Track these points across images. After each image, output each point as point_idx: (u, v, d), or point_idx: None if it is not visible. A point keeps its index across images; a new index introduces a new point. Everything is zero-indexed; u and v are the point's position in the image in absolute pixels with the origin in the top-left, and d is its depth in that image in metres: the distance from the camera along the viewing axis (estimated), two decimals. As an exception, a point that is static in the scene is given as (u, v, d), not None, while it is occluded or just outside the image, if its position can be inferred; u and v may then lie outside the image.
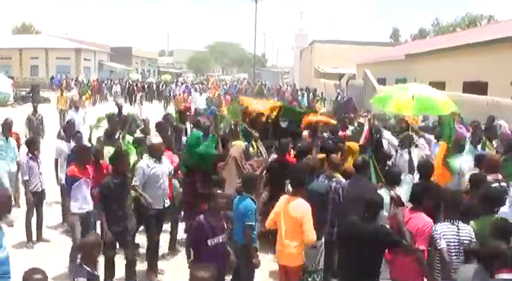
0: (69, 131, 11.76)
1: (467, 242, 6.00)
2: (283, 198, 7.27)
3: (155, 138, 9.23)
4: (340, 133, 12.69)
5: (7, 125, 11.87)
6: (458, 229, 6.08)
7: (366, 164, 8.29)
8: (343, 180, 8.19)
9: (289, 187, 7.87)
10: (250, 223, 7.09)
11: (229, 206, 7.36)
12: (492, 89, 20.09)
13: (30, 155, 10.14)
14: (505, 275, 4.98)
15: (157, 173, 8.52)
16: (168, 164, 8.96)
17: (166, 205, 8.71)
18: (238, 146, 10.04)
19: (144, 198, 8.29)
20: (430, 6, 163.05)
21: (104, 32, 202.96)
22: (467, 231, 6.10)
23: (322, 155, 9.05)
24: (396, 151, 10.77)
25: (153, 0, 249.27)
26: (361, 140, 10.50)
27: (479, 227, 6.23)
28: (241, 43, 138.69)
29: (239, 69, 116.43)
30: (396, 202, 7.40)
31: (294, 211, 6.93)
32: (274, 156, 10.27)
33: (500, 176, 8.10)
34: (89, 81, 52.22)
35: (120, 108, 16.00)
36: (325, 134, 12.16)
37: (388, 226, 6.59)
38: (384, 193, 7.36)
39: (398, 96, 9.57)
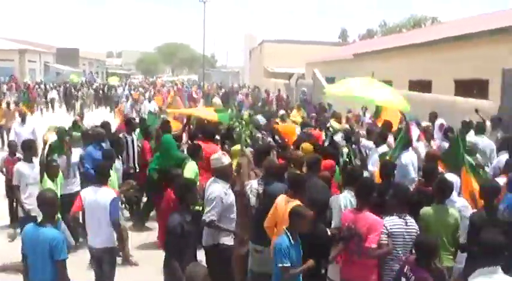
0: (13, 149, 10.49)
1: (414, 235, 6.12)
2: (281, 198, 6.95)
3: (225, 157, 7.61)
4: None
5: None
6: (406, 223, 6.21)
7: (318, 162, 8.23)
8: None
9: None
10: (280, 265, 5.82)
11: None
12: (436, 87, 20.72)
13: None
14: None
15: (233, 202, 7.25)
16: None
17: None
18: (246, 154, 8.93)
19: (237, 235, 7.13)
20: (376, 7, 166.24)
21: (49, 33, 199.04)
22: (413, 224, 6.26)
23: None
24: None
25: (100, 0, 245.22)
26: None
27: (432, 215, 6.55)
28: (191, 44, 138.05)
29: (189, 71, 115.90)
30: None
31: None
32: None
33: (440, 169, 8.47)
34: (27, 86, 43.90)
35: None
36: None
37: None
38: (348, 194, 7.13)
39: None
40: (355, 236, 6.16)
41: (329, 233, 6.40)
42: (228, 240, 7.19)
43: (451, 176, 7.86)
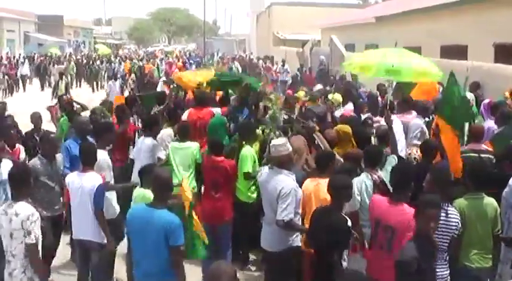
0: None
1: (454, 228, 5.95)
2: (308, 182, 7.17)
3: (288, 143, 7.27)
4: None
5: None
6: (447, 214, 5.96)
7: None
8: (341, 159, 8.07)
9: None
10: None
11: None
12: (472, 52, 20.39)
13: None
14: None
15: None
16: None
17: None
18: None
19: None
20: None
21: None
22: (455, 216, 6.02)
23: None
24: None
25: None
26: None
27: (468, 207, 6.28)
28: (189, 8, 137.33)
29: (188, 39, 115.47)
30: (380, 187, 7.08)
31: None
32: None
33: (483, 146, 8.23)
34: None
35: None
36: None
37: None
38: (365, 177, 7.16)
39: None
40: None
41: (349, 223, 6.24)
42: (298, 240, 7.02)
43: None
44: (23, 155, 10.19)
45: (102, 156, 8.24)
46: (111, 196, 8.23)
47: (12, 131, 10.78)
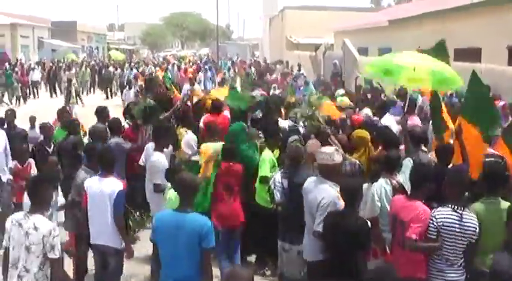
0: None
1: (471, 233, 5.90)
2: None
3: (337, 154, 6.91)
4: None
5: None
6: (461, 218, 5.92)
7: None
8: (357, 161, 8.18)
9: None
10: None
11: None
12: (486, 55, 20.35)
13: None
14: None
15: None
16: None
17: None
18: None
19: None
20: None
21: (44, 4, 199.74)
22: (471, 220, 5.95)
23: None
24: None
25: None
26: None
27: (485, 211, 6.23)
28: (202, 13, 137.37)
29: (201, 43, 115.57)
30: (399, 192, 7.03)
31: None
32: None
33: (490, 150, 8.16)
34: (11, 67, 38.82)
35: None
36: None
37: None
38: (384, 182, 7.20)
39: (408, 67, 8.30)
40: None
41: (369, 224, 6.35)
42: None
43: None
44: (33, 171, 10.14)
45: (159, 158, 8.53)
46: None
47: (24, 145, 10.81)
